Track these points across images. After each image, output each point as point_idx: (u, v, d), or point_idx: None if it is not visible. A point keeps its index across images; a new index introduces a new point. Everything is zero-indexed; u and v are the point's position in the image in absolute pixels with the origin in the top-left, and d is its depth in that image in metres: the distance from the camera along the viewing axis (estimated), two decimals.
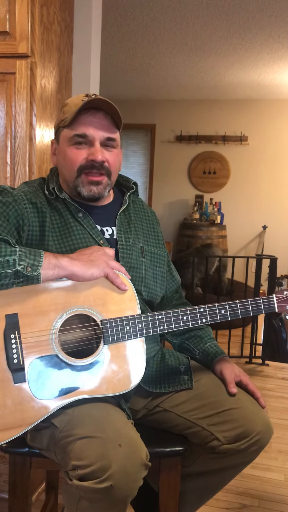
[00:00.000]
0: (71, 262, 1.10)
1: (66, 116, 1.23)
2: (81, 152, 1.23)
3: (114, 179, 1.30)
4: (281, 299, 1.22)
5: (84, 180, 1.24)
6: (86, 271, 1.11)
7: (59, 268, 1.08)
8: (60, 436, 1.06)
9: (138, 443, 1.03)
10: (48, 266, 1.07)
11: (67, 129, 1.23)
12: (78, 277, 1.11)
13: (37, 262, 1.06)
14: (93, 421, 1.05)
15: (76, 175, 1.24)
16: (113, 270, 1.14)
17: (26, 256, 1.05)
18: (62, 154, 1.26)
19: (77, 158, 1.23)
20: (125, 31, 3.59)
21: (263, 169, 5.83)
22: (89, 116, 1.21)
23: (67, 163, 1.25)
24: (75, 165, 1.23)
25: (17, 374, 1.07)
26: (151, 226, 1.43)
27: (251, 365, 3.50)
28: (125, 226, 1.33)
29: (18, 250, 1.05)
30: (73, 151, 1.23)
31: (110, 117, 1.23)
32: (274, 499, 1.94)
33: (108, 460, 0.96)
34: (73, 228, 1.24)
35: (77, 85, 2.08)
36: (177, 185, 6.11)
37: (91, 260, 1.13)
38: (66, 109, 1.25)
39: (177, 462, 1.26)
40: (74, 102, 1.23)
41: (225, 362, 1.32)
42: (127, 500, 1.00)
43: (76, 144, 1.23)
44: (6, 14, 1.60)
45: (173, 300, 1.46)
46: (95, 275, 1.12)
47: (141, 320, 1.15)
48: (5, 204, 1.16)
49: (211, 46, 3.86)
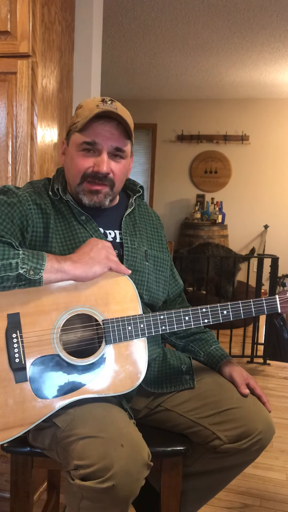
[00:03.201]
0: (74, 265, 1.10)
1: (78, 120, 1.22)
2: (88, 160, 1.22)
3: (117, 189, 1.29)
4: (284, 299, 1.21)
5: (86, 188, 1.24)
6: (88, 271, 1.11)
7: (62, 272, 1.08)
8: (62, 436, 1.06)
9: (140, 443, 1.03)
10: (51, 270, 1.07)
11: (78, 134, 1.22)
12: (81, 278, 1.11)
13: (40, 265, 1.06)
14: (95, 421, 1.05)
15: (79, 182, 1.24)
16: (115, 262, 1.15)
17: (29, 259, 1.05)
18: (70, 157, 1.26)
19: (83, 165, 1.22)
20: (126, 31, 3.59)
21: (265, 168, 5.82)
22: (100, 124, 1.20)
23: (73, 168, 1.24)
24: (80, 172, 1.23)
25: (19, 374, 1.07)
26: (155, 230, 1.43)
27: (252, 364, 3.50)
28: (130, 229, 1.33)
29: (21, 253, 1.05)
30: (80, 157, 1.22)
31: (123, 127, 1.21)
32: (275, 498, 1.94)
33: (110, 460, 0.96)
34: (76, 231, 1.24)
35: (78, 84, 2.08)
36: (179, 184, 6.11)
37: (91, 258, 1.12)
38: (80, 112, 1.24)
39: (178, 462, 1.26)
40: (88, 106, 1.22)
41: (233, 365, 1.33)
42: (129, 500, 1.00)
43: (84, 151, 1.22)
44: (8, 14, 1.60)
45: (176, 304, 1.46)
46: (98, 272, 1.12)
47: (143, 320, 1.15)
48: (9, 204, 1.16)
49: (212, 45, 3.86)
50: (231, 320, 1.21)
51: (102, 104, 1.20)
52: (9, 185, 1.24)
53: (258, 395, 1.28)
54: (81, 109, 1.24)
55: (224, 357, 1.35)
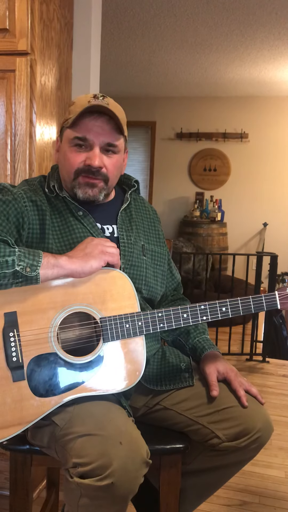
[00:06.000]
0: (70, 260, 1.10)
1: (70, 116, 1.22)
2: (80, 155, 1.22)
3: (112, 184, 1.29)
4: (284, 296, 1.21)
5: (81, 181, 1.24)
6: (84, 265, 1.11)
7: (58, 267, 1.08)
8: (60, 434, 1.06)
9: (138, 441, 1.03)
10: (47, 265, 1.07)
11: (70, 130, 1.23)
12: (78, 273, 1.11)
13: (36, 262, 1.05)
14: (93, 419, 1.05)
15: (73, 177, 1.24)
16: (111, 254, 1.14)
17: (25, 257, 1.05)
18: (63, 153, 1.26)
19: (76, 160, 1.22)
20: (125, 28, 3.58)
21: (264, 166, 5.82)
22: (91, 120, 1.20)
23: (66, 164, 1.25)
24: (73, 168, 1.23)
25: (16, 372, 1.07)
26: (152, 224, 1.43)
27: (251, 362, 3.50)
28: (126, 224, 1.33)
29: (17, 251, 1.04)
30: (72, 153, 1.23)
31: (114, 122, 1.21)
32: (274, 496, 1.95)
33: (108, 458, 0.96)
34: (73, 227, 1.24)
35: (77, 82, 2.08)
36: (178, 182, 6.11)
37: (86, 254, 1.12)
38: (72, 108, 1.24)
39: (177, 460, 1.27)
40: (80, 103, 1.22)
41: (209, 359, 1.30)
42: (127, 497, 1.00)
43: (76, 146, 1.22)
44: (6, 11, 1.59)
45: (168, 297, 1.46)
46: (94, 266, 1.12)
47: (140, 318, 1.15)
48: (5, 202, 1.16)
49: (212, 42, 3.85)
50: (230, 317, 1.20)
51: (94, 100, 1.20)
52: (4, 183, 1.24)
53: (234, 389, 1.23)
54: (73, 106, 1.24)
55: (206, 349, 1.32)
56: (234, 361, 3.48)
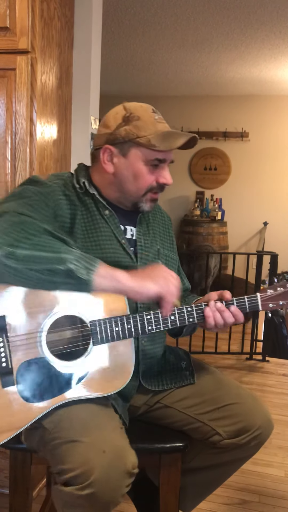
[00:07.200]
0: (128, 276, 1.05)
1: (145, 135, 1.19)
2: (154, 172, 1.24)
3: None
4: (265, 297, 1.23)
5: (149, 198, 1.26)
6: (142, 286, 1.05)
7: (116, 281, 1.04)
8: (48, 438, 1.05)
9: (123, 450, 1.00)
10: (105, 275, 1.03)
11: (147, 150, 1.20)
12: (134, 294, 1.06)
13: (92, 266, 1.02)
14: (80, 424, 1.03)
15: (143, 193, 1.24)
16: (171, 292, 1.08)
17: (81, 258, 1.02)
18: (130, 169, 1.22)
19: (151, 178, 1.23)
20: (126, 27, 3.58)
21: (264, 165, 5.82)
22: (173, 143, 1.22)
23: (137, 180, 1.23)
24: (146, 185, 1.23)
25: (6, 378, 1.06)
26: (166, 229, 1.44)
27: (251, 361, 3.50)
28: (144, 227, 1.34)
29: (74, 251, 1.02)
30: (148, 172, 1.23)
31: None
32: (274, 494, 1.95)
33: (90, 466, 0.94)
34: (99, 225, 1.24)
35: (78, 81, 2.08)
36: (178, 181, 6.10)
37: (148, 275, 1.08)
38: (141, 124, 1.20)
39: (177, 458, 1.27)
40: (149, 120, 1.22)
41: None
42: (109, 507, 0.98)
43: (153, 166, 1.23)
44: (6, 9, 1.59)
45: None
46: (151, 290, 1.06)
47: (130, 321, 1.13)
48: (43, 194, 1.16)
49: (212, 41, 3.85)
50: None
51: (158, 117, 1.25)
52: (36, 175, 1.24)
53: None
54: (140, 121, 1.21)
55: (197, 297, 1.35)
56: (234, 360, 3.48)
